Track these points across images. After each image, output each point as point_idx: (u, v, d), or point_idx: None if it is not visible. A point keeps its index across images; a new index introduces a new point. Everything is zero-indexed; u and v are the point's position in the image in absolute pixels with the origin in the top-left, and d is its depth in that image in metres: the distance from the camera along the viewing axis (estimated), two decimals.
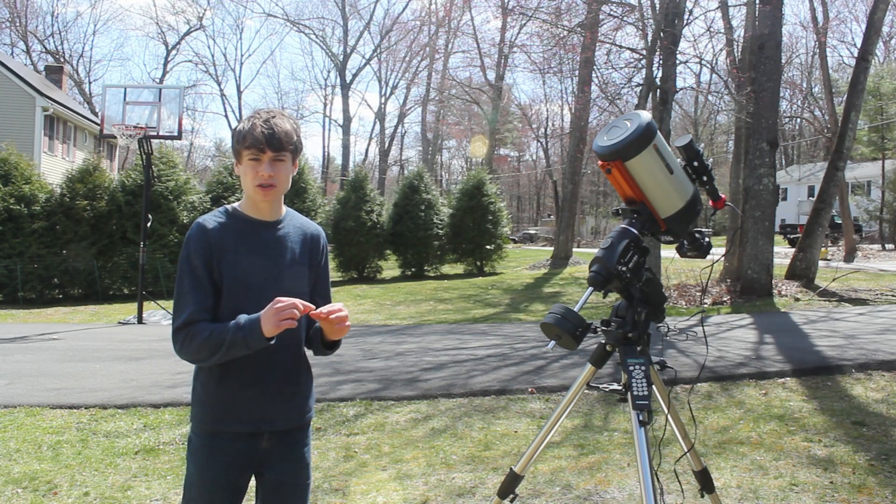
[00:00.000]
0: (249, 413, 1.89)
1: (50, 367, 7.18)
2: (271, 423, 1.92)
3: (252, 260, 1.90)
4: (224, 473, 1.89)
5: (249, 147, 1.87)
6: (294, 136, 1.92)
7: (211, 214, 1.94)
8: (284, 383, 1.94)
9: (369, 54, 48.17)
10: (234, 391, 1.89)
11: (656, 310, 2.14)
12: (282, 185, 1.91)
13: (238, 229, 1.91)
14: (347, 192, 19.62)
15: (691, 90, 31.16)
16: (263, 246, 1.92)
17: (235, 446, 1.89)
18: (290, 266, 1.96)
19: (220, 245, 1.87)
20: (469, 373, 6.42)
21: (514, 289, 15.57)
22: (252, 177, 1.88)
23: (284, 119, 1.92)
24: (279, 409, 1.93)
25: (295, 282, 1.95)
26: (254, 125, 1.87)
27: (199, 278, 1.85)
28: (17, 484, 3.81)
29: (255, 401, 1.90)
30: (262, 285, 1.88)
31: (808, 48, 39.65)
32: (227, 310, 1.85)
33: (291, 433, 1.98)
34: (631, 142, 2.01)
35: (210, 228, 1.88)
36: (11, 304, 15.10)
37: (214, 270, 1.86)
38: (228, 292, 1.87)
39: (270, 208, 1.95)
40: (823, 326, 8.69)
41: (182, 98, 16.41)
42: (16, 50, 41.89)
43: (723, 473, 3.74)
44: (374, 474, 3.89)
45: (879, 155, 31.90)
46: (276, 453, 1.95)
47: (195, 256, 1.86)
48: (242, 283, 1.87)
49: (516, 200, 64.17)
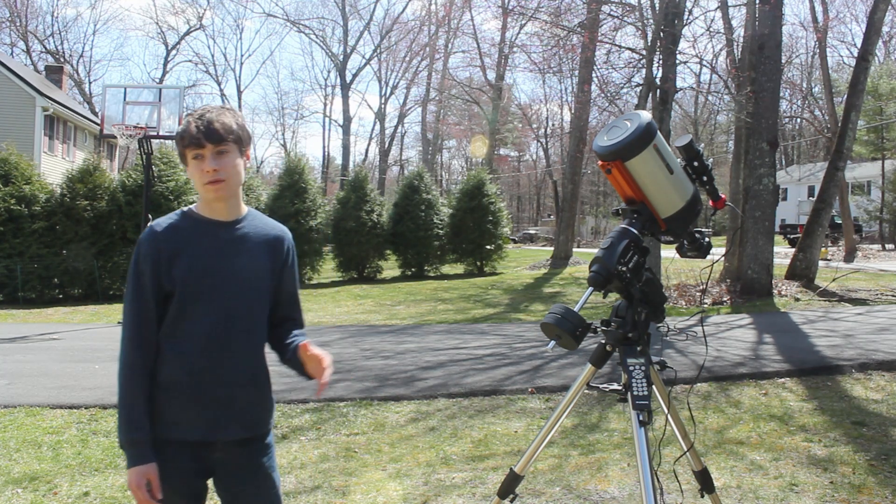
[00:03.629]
0: (194, 422, 1.82)
1: (50, 367, 7.18)
2: (223, 433, 1.85)
3: (206, 262, 1.83)
4: (179, 481, 1.83)
5: (189, 145, 1.81)
6: (234, 126, 1.85)
7: (165, 217, 1.89)
8: (238, 391, 1.86)
9: (369, 54, 48.17)
10: (179, 399, 1.82)
11: (656, 310, 2.14)
12: (231, 178, 1.84)
13: (193, 231, 1.86)
14: (347, 192, 19.62)
15: (691, 90, 31.20)
16: (219, 247, 1.86)
17: (185, 455, 1.82)
18: (248, 267, 1.88)
19: (172, 248, 1.82)
20: (469, 372, 6.43)
21: (514, 289, 15.57)
22: (199, 175, 1.82)
23: (223, 111, 1.86)
24: (231, 419, 1.85)
25: (252, 283, 1.88)
26: (188, 123, 1.83)
27: (142, 286, 1.81)
28: (17, 484, 3.81)
29: (202, 409, 1.82)
30: (218, 287, 1.83)
31: (808, 48, 39.69)
32: (180, 312, 1.81)
33: (248, 443, 1.90)
34: (631, 142, 2.01)
35: (161, 231, 1.83)
36: (11, 304, 15.09)
37: (164, 276, 1.80)
38: (181, 296, 1.81)
39: (226, 207, 1.88)
40: (823, 326, 8.69)
41: (182, 98, 16.39)
42: (16, 50, 41.92)
43: (722, 473, 3.74)
44: (373, 474, 3.89)
45: (878, 155, 31.90)
46: (233, 464, 1.88)
47: (143, 261, 1.81)
48: (196, 286, 1.81)
49: (516, 200, 64.17)
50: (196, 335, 1.82)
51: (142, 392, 1.80)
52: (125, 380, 1.81)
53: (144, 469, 1.77)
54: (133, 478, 1.76)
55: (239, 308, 1.86)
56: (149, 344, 1.82)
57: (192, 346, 1.82)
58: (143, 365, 1.81)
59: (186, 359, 1.81)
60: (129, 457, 1.79)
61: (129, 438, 1.78)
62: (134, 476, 1.76)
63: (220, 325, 1.83)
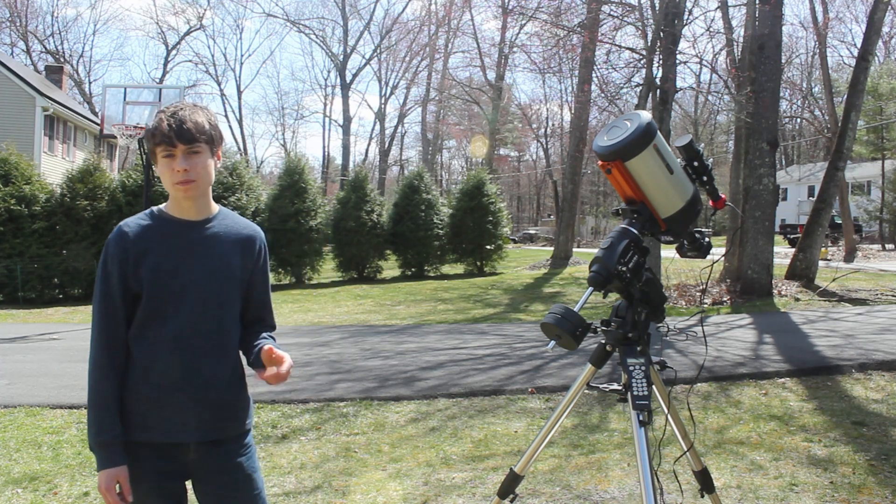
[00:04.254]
0: (165, 424, 1.79)
1: (50, 367, 7.18)
2: (193, 434, 1.81)
3: (175, 262, 1.81)
4: (153, 483, 1.82)
5: (159, 143, 1.78)
6: (206, 126, 1.82)
7: (134, 217, 1.86)
8: (208, 392, 1.82)
9: (369, 54, 48.17)
10: (147, 400, 1.79)
11: (656, 310, 2.14)
12: (202, 178, 1.82)
13: (161, 230, 1.83)
14: (347, 192, 19.62)
15: (691, 90, 31.19)
16: (188, 246, 1.83)
17: (157, 456, 1.80)
18: (218, 268, 1.85)
19: (140, 248, 1.79)
20: (469, 372, 6.43)
21: (514, 289, 15.57)
22: (169, 174, 1.80)
23: (195, 110, 1.83)
24: (202, 420, 1.82)
25: (222, 284, 1.85)
26: (160, 120, 1.79)
27: (109, 287, 1.78)
28: (17, 484, 3.81)
29: (172, 411, 1.79)
30: (186, 287, 1.81)
31: (808, 48, 39.65)
32: (149, 314, 1.79)
33: (223, 444, 1.87)
34: (631, 142, 2.01)
35: (128, 232, 1.81)
36: (11, 304, 15.10)
37: (131, 277, 1.78)
38: (149, 296, 1.78)
39: (195, 206, 1.86)
40: (823, 326, 8.69)
41: (182, 98, 16.38)
42: (16, 50, 41.93)
43: (722, 473, 3.74)
44: (373, 474, 3.89)
45: (878, 155, 31.90)
46: (210, 466, 1.85)
47: (111, 262, 1.79)
48: (164, 287, 1.79)
49: (516, 200, 64.17)
50: (165, 336, 1.79)
51: (111, 394, 1.78)
52: (94, 382, 1.78)
53: (114, 472, 1.75)
54: (103, 480, 1.75)
55: (208, 309, 1.83)
56: (117, 345, 1.80)
57: (160, 347, 1.79)
58: (112, 366, 1.79)
59: (155, 360, 1.79)
60: (98, 459, 1.77)
61: (99, 441, 1.76)
62: (104, 478, 1.75)
63: (189, 326, 1.80)
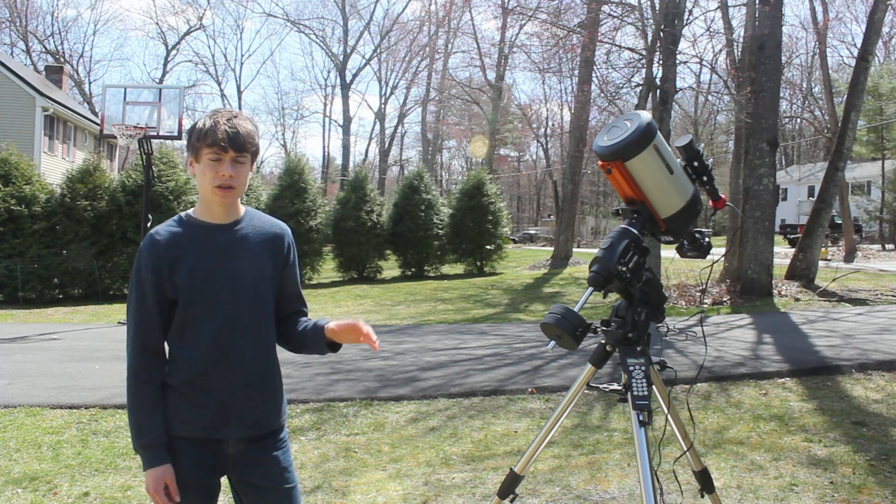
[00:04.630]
0: (205, 419, 1.83)
1: (50, 367, 7.18)
2: (235, 431, 1.86)
3: (208, 266, 1.83)
4: (192, 476, 1.84)
5: (212, 145, 1.80)
6: (256, 138, 1.87)
7: (163, 225, 1.88)
8: (247, 388, 1.87)
9: (369, 54, 48.22)
10: (189, 400, 1.83)
11: (656, 310, 2.14)
12: (240, 187, 1.86)
13: (191, 236, 1.85)
14: (347, 192, 19.62)
15: (691, 90, 31.17)
16: (220, 249, 1.86)
17: (197, 449, 1.84)
18: (251, 268, 1.88)
19: (173, 255, 1.82)
20: (469, 373, 6.43)
21: (514, 289, 15.57)
22: (211, 177, 1.81)
23: (247, 120, 1.88)
24: (242, 415, 1.86)
25: (256, 284, 1.89)
26: (217, 123, 1.81)
27: (144, 295, 1.81)
28: (17, 484, 3.81)
29: (212, 409, 1.83)
30: (221, 290, 1.83)
31: (808, 48, 39.66)
32: (186, 318, 1.82)
33: (261, 439, 1.91)
34: (631, 142, 2.01)
35: (160, 239, 1.83)
36: (11, 304, 15.09)
37: (166, 283, 1.81)
38: (185, 302, 1.81)
39: (226, 211, 1.89)
40: (823, 326, 8.69)
41: (182, 98, 16.43)
42: (16, 50, 41.92)
43: (722, 473, 3.74)
44: (373, 474, 3.89)
45: (878, 155, 31.89)
46: (247, 459, 1.89)
47: (145, 270, 1.81)
48: (200, 291, 1.82)
49: (516, 200, 64.16)
50: (202, 338, 1.83)
51: (149, 397, 1.82)
52: (132, 387, 1.83)
53: (160, 471, 1.79)
54: (150, 481, 1.79)
55: (243, 309, 1.86)
56: (153, 351, 1.84)
57: (199, 349, 1.83)
58: (148, 371, 1.84)
59: (194, 362, 1.83)
60: (143, 460, 1.81)
61: (141, 442, 1.81)
62: (151, 479, 1.79)
63: (225, 327, 1.84)
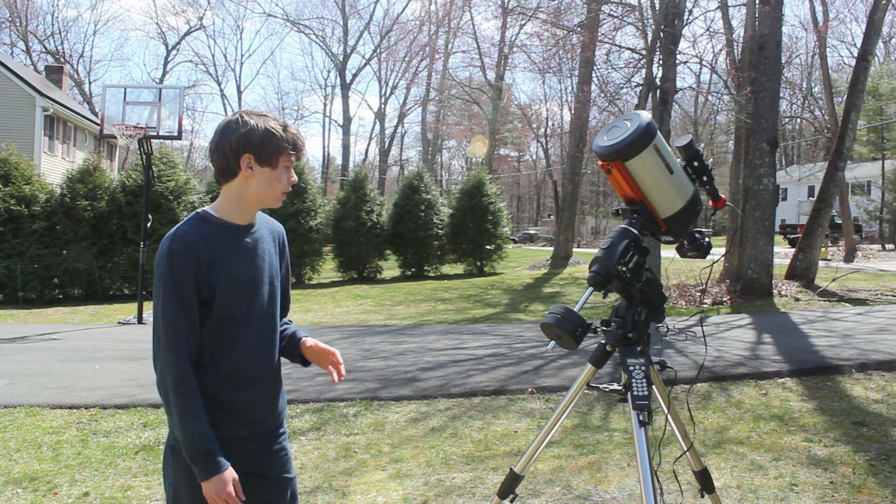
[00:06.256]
0: (243, 417, 1.87)
1: (50, 367, 7.18)
2: (261, 425, 1.91)
3: (239, 266, 1.86)
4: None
5: (292, 151, 1.86)
6: None
7: (189, 226, 1.83)
8: (270, 385, 1.93)
9: (369, 54, 48.21)
10: (230, 395, 1.85)
11: (656, 310, 2.14)
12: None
13: (221, 237, 1.85)
14: (347, 192, 19.62)
15: (691, 90, 31.15)
16: (247, 250, 1.89)
17: (227, 451, 1.82)
18: (271, 267, 1.94)
19: (209, 256, 1.80)
20: (469, 373, 6.43)
21: (514, 289, 15.57)
22: (286, 182, 1.87)
23: None
24: (267, 411, 1.93)
25: (275, 282, 1.94)
26: (286, 128, 1.85)
27: (185, 298, 1.77)
28: (17, 484, 3.81)
29: (250, 404, 1.88)
30: (250, 289, 1.87)
31: (808, 48, 39.63)
32: (220, 318, 1.82)
33: (273, 431, 1.97)
34: (631, 142, 2.01)
35: (195, 241, 1.79)
36: (11, 304, 15.10)
37: (204, 285, 1.79)
38: (221, 302, 1.81)
39: (255, 213, 1.92)
40: (823, 326, 8.69)
41: (182, 98, 16.44)
42: (16, 50, 41.93)
43: (722, 473, 3.74)
44: (373, 474, 3.89)
45: (878, 155, 31.90)
46: (263, 453, 1.93)
47: (181, 273, 1.76)
48: (234, 291, 1.84)
49: (516, 200, 64.15)
50: (236, 338, 1.85)
51: (200, 404, 1.79)
52: (181, 396, 1.76)
53: (228, 474, 1.77)
54: (220, 486, 1.75)
55: (268, 308, 1.92)
56: (192, 355, 1.81)
57: (233, 349, 1.84)
58: (194, 377, 1.80)
59: (229, 362, 1.84)
60: (206, 468, 1.76)
61: (204, 450, 1.76)
62: (219, 484, 1.76)
63: (255, 325, 1.88)
